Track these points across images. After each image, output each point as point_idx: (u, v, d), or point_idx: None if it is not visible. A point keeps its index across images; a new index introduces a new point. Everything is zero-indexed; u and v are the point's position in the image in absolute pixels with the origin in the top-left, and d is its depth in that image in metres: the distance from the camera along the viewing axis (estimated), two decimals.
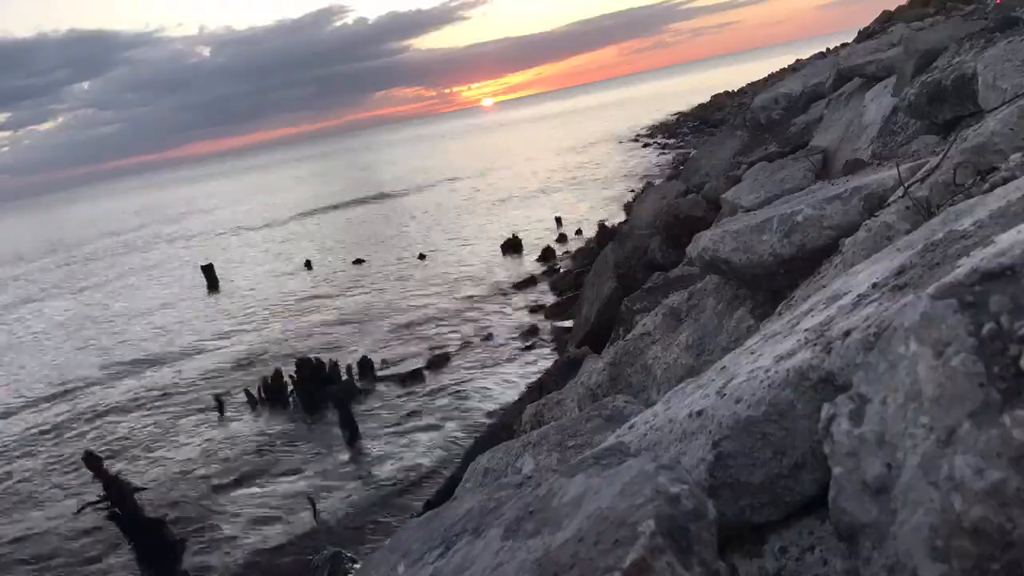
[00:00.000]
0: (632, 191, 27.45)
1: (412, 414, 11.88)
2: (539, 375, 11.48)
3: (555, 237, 22.65)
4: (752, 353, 1.99)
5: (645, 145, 45.81)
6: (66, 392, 17.25)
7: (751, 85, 44.84)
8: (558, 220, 24.25)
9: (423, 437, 10.93)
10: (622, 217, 21.41)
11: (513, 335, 14.63)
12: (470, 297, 18.22)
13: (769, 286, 3.35)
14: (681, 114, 58.12)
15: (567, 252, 20.65)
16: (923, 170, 3.04)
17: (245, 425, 12.90)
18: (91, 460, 9.30)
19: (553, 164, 45.64)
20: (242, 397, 13.95)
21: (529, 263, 20.53)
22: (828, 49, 31.37)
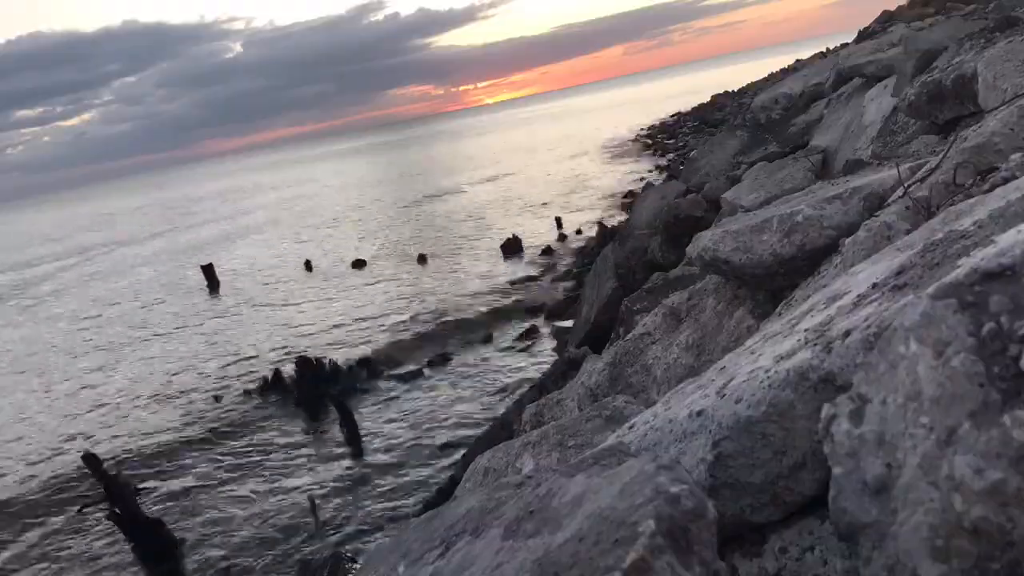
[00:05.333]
0: (632, 191, 27.46)
1: (412, 414, 11.88)
2: (539, 375, 11.49)
3: (555, 237, 22.65)
4: (752, 353, 1.99)
5: (645, 145, 45.81)
6: (65, 392, 17.25)
7: (751, 85, 44.82)
8: (558, 220, 24.26)
9: (423, 437, 10.93)
10: (622, 217, 21.43)
11: (513, 335, 14.64)
12: (470, 297, 18.22)
13: (769, 286, 3.35)
14: (681, 114, 58.11)
15: (567, 252, 20.65)
16: (923, 170, 3.04)
17: (244, 424, 12.90)
18: (91, 461, 9.31)
19: (553, 165, 45.60)
20: (242, 396, 13.95)
21: (529, 263, 20.53)
22: (828, 49, 31.34)
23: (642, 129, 56.55)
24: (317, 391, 12.95)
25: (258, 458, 11.41)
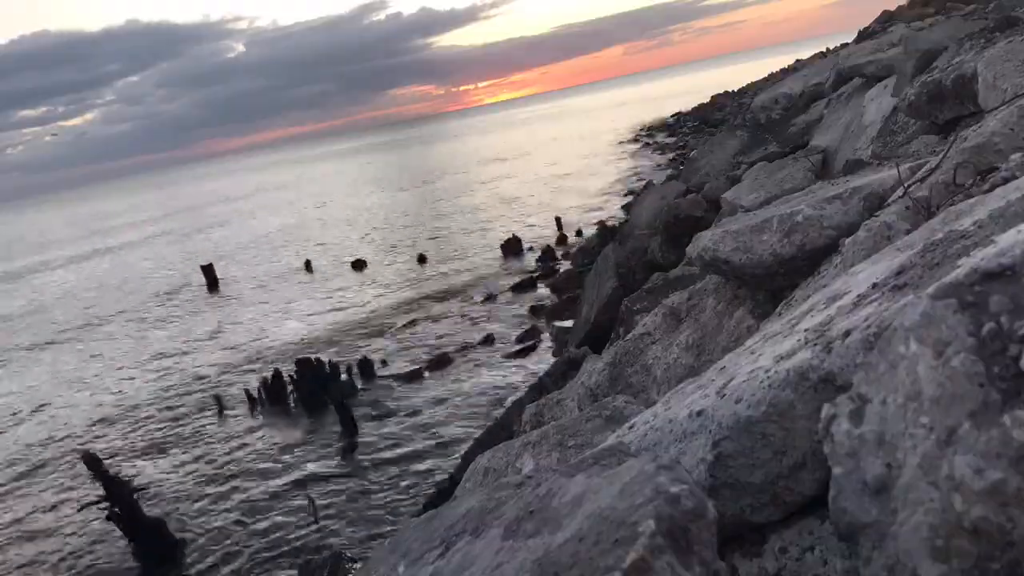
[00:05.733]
0: (632, 191, 27.45)
1: (412, 414, 11.87)
2: (539, 375, 11.48)
3: (555, 237, 22.65)
4: (752, 353, 1.99)
5: (645, 145, 45.81)
6: (64, 391, 17.25)
7: (751, 85, 44.80)
8: (558, 220, 24.25)
9: (423, 437, 10.93)
10: (622, 217, 21.42)
11: (513, 335, 14.63)
12: (470, 298, 18.22)
13: (769, 286, 3.35)
14: (681, 114, 58.14)
15: (567, 252, 20.65)
16: (923, 170, 3.04)
17: (245, 425, 12.90)
18: (91, 460, 9.30)
19: (553, 165, 45.60)
20: (242, 397, 13.95)
21: (529, 263, 20.52)
22: (828, 49, 31.34)
23: (642, 129, 56.56)
24: (317, 392, 12.95)
25: (258, 458, 11.41)
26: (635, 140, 50.38)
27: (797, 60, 38.96)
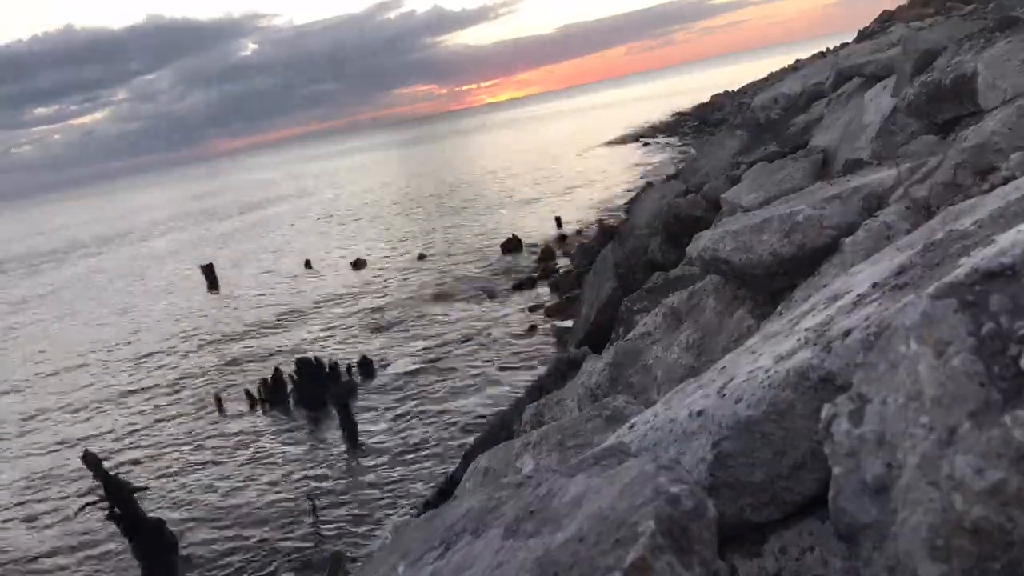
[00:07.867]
0: (632, 191, 27.44)
1: (412, 414, 11.87)
2: (539, 375, 11.47)
3: (555, 237, 22.65)
4: (752, 353, 1.99)
5: (645, 144, 45.80)
6: (64, 391, 17.25)
7: (751, 85, 44.78)
8: (558, 220, 24.24)
9: (423, 437, 10.93)
10: (622, 217, 21.41)
11: (513, 335, 14.63)
12: (470, 297, 18.22)
13: (769, 286, 3.35)
14: (681, 114, 58.11)
15: (567, 252, 20.64)
16: (923, 170, 3.04)
17: (245, 425, 12.90)
18: (90, 460, 9.30)
19: (553, 164, 45.61)
20: (242, 396, 13.95)
21: (529, 263, 20.52)
22: (828, 49, 31.33)
23: (643, 128, 56.57)
24: (317, 391, 12.95)
25: (258, 458, 11.41)
26: (635, 140, 50.39)
27: (797, 60, 38.94)
